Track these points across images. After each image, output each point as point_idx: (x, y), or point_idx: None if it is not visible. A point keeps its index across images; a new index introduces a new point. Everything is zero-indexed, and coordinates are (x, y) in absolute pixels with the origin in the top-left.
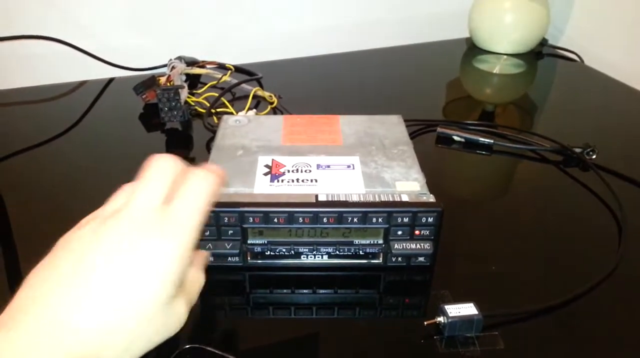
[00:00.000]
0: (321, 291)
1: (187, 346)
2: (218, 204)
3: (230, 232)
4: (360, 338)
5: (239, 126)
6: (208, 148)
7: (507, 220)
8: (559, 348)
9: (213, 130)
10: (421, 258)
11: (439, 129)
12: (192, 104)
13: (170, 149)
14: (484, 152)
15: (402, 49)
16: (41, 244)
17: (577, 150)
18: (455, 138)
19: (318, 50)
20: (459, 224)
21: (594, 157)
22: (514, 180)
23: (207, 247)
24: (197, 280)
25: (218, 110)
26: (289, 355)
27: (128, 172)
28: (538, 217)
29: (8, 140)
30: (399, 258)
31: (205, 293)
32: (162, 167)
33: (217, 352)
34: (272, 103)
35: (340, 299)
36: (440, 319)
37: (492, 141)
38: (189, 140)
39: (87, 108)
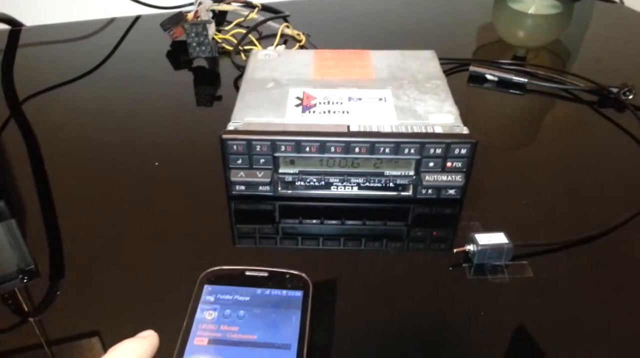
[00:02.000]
0: (350, 222)
1: (212, 269)
2: (250, 133)
3: (262, 160)
4: (388, 267)
5: (269, 60)
6: (236, 85)
7: (539, 158)
8: (587, 279)
9: (241, 66)
10: (451, 191)
11: (472, 68)
12: (219, 41)
13: (197, 86)
14: (517, 92)
15: None
16: (71, 175)
17: (614, 90)
18: (488, 77)
19: None
20: (490, 161)
21: (630, 97)
22: (548, 120)
23: (239, 175)
24: None
25: (245, 47)
26: (316, 285)
27: (156, 108)
28: (571, 156)
29: (39, 77)
30: (429, 191)
31: (236, 222)
32: None
33: (238, 267)
34: (299, 41)
35: (369, 231)
36: (470, 247)
37: (525, 80)
38: (216, 77)
39: (115, 45)
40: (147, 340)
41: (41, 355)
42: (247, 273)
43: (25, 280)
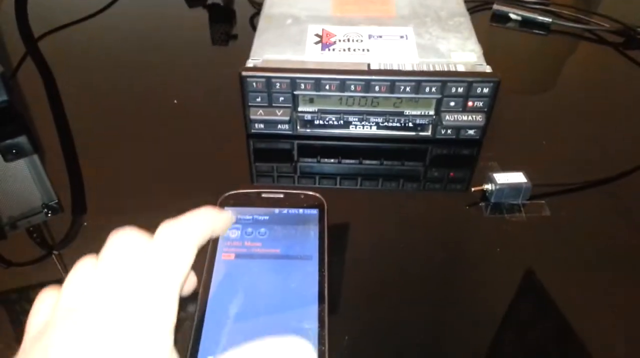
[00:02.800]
0: (368, 162)
1: (230, 192)
2: (270, 70)
3: (281, 99)
4: (405, 206)
5: None
6: (252, 23)
7: (561, 99)
8: (604, 220)
9: (256, 3)
10: (471, 131)
11: (495, 6)
12: None
13: (212, 24)
14: (540, 32)
15: None
16: (89, 113)
17: None
18: (512, 16)
19: None
20: (511, 102)
21: None
22: (571, 61)
23: (258, 113)
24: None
25: None
26: (331, 223)
27: (172, 46)
28: (593, 98)
29: (53, 15)
30: (449, 131)
31: (255, 161)
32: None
33: (255, 190)
34: None
35: (386, 171)
36: (488, 186)
37: (550, 20)
38: (231, 15)
39: None
40: (226, 213)
41: None
42: (264, 195)
43: (49, 215)
